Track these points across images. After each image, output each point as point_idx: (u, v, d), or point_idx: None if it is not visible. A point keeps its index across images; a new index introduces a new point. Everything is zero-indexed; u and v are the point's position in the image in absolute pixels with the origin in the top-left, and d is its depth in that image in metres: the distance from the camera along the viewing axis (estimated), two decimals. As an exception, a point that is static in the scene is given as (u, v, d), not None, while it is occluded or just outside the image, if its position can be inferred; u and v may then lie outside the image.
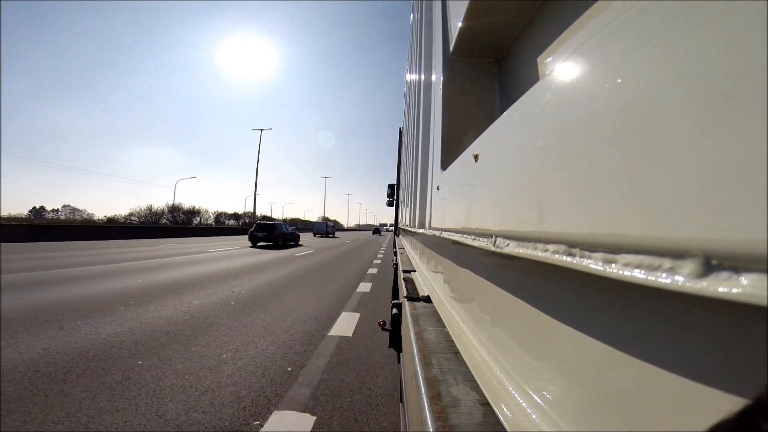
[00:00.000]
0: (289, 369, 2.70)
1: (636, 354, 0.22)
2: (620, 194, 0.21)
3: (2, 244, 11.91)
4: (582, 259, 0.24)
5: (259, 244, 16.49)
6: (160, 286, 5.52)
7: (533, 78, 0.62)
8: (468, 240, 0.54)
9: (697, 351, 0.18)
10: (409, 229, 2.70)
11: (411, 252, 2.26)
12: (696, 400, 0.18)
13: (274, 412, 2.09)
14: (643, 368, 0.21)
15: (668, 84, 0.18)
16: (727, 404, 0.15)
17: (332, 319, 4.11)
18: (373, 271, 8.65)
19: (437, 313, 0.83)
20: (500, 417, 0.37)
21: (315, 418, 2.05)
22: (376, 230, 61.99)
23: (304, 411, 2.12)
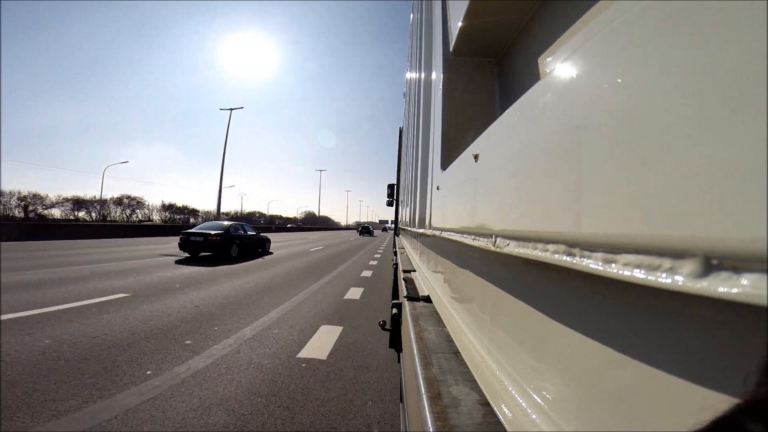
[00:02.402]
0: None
1: (636, 354, 0.22)
2: (620, 194, 0.21)
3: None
4: (582, 259, 0.24)
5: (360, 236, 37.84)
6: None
7: (533, 78, 0.62)
8: (468, 240, 0.54)
9: (697, 351, 0.18)
10: (409, 228, 2.70)
11: (411, 252, 2.26)
12: (695, 400, 0.18)
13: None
14: (643, 368, 0.21)
15: (668, 84, 0.18)
16: (727, 404, 0.15)
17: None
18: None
19: (437, 313, 0.83)
20: (500, 417, 0.37)
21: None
22: (365, 230, 42.31)
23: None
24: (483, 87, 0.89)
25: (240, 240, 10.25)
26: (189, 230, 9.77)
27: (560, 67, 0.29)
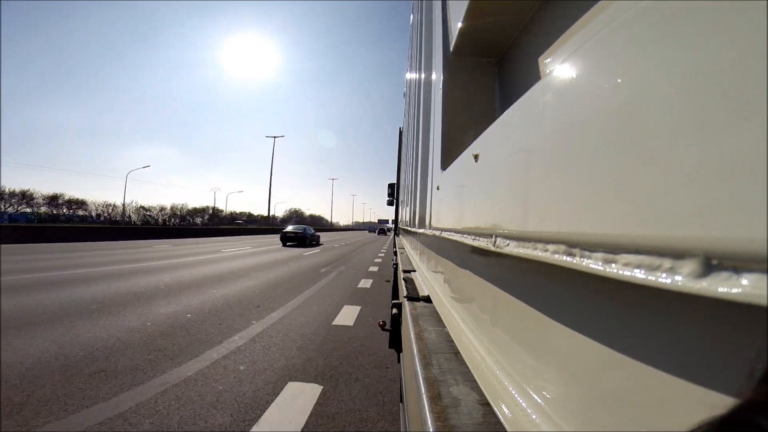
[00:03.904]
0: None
1: (636, 354, 0.22)
2: (620, 194, 0.21)
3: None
4: (582, 259, 0.24)
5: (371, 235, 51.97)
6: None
7: (533, 78, 0.62)
8: (468, 240, 0.54)
9: (697, 351, 0.18)
10: (409, 228, 2.70)
11: (411, 252, 2.26)
12: (696, 400, 0.18)
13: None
14: (643, 368, 0.21)
15: (668, 84, 0.18)
16: (727, 404, 0.15)
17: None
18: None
19: (437, 313, 0.83)
20: (500, 417, 0.37)
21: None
22: (381, 231, 57.45)
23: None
24: (483, 87, 0.89)
25: (309, 235, 18.91)
26: (285, 230, 18.85)
27: (560, 67, 0.29)
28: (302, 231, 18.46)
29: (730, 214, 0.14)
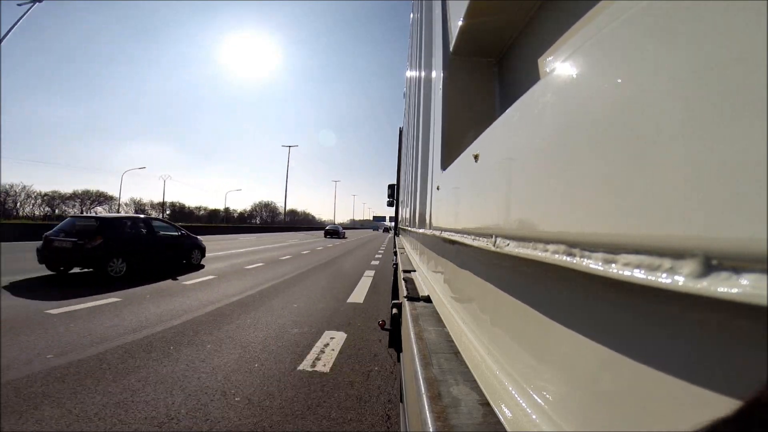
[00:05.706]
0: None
1: (636, 354, 0.22)
2: (620, 194, 0.21)
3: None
4: (582, 259, 0.24)
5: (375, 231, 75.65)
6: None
7: (533, 78, 0.62)
8: (468, 240, 0.54)
9: (696, 351, 0.18)
10: (409, 229, 2.70)
11: (411, 252, 2.26)
12: (695, 400, 0.18)
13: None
14: (643, 369, 0.21)
15: (668, 84, 0.18)
16: (727, 404, 0.15)
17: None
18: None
19: (437, 313, 0.83)
20: (500, 417, 0.37)
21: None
22: (386, 229, 69.70)
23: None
24: (483, 87, 0.89)
25: (341, 231, 31.66)
26: (326, 228, 31.80)
27: (560, 67, 0.29)
28: (337, 228, 31.20)
29: (730, 214, 0.14)
